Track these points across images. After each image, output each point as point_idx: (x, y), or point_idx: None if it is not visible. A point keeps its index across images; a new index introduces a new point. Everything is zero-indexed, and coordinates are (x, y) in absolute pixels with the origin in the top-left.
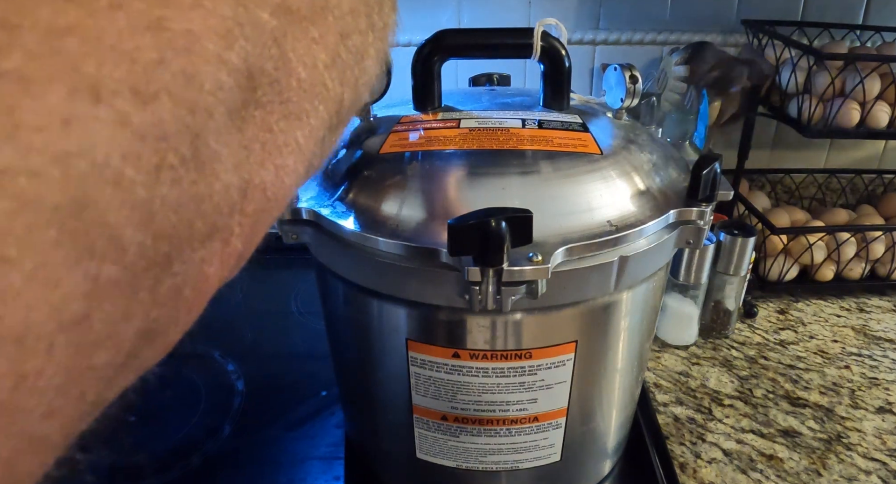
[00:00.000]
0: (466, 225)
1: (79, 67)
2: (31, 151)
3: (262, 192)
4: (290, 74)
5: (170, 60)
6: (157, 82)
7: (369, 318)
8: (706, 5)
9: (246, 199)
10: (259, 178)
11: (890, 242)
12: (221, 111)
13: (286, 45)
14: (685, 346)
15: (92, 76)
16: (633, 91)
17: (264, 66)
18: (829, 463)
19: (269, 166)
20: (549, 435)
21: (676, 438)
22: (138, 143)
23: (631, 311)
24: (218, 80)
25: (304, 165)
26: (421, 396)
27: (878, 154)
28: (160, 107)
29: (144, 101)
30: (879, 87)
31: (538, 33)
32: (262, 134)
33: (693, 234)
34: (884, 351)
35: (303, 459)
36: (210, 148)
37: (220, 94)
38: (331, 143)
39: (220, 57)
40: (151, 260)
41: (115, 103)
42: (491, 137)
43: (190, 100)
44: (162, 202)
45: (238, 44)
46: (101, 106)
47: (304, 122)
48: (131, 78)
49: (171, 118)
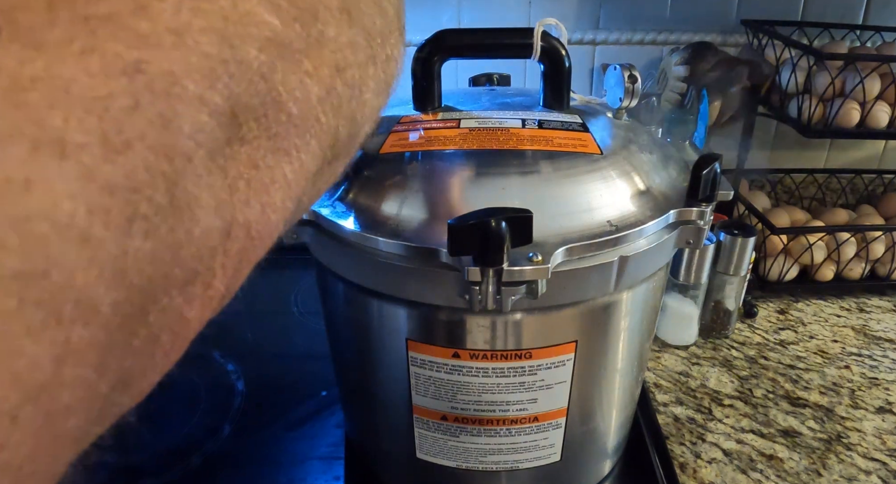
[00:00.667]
0: (466, 225)
1: (43, 121)
2: None
3: (247, 232)
4: (280, 109)
5: (146, 105)
6: (130, 130)
7: (369, 318)
8: (706, 5)
9: (229, 240)
10: (243, 216)
11: (890, 241)
12: (201, 154)
13: (275, 80)
14: (685, 346)
15: (57, 130)
16: (633, 91)
17: (250, 103)
18: (829, 463)
19: (255, 204)
20: (549, 435)
21: (676, 438)
22: (107, 198)
23: (631, 311)
24: (198, 123)
25: (293, 202)
26: (421, 396)
27: (878, 154)
28: (133, 156)
29: (116, 151)
30: (879, 87)
31: (538, 33)
32: (248, 171)
33: (693, 234)
34: (884, 351)
35: (303, 459)
36: (188, 193)
37: (200, 137)
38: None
39: (201, 98)
40: (126, 315)
41: (82, 158)
42: (491, 137)
43: (167, 145)
44: (135, 256)
45: (221, 82)
46: (66, 162)
47: (294, 157)
48: (101, 128)
49: (145, 167)
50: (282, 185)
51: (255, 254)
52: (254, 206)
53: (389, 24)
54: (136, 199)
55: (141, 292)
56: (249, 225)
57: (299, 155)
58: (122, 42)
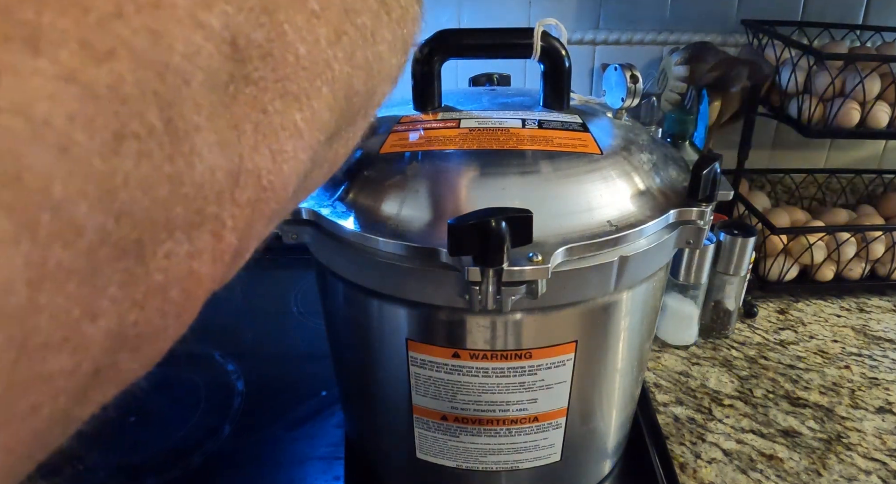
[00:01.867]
0: (466, 225)
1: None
2: None
3: (257, 180)
4: (287, 49)
5: (130, 14)
6: (114, 37)
7: (369, 318)
8: (706, 5)
9: (238, 187)
10: (252, 162)
11: (890, 242)
12: (200, 80)
13: (279, 15)
14: (685, 346)
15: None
16: (633, 91)
17: (252, 36)
18: (829, 463)
19: (264, 150)
20: (549, 435)
21: (676, 438)
22: (90, 105)
23: (631, 311)
24: (193, 43)
25: (307, 153)
26: (421, 396)
27: (878, 154)
28: (118, 65)
29: (97, 57)
30: (879, 87)
31: (538, 33)
32: (255, 114)
33: (693, 234)
34: (884, 351)
35: (303, 459)
36: (187, 121)
37: (198, 60)
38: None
39: (194, 17)
40: (118, 248)
41: (59, 56)
42: (491, 137)
43: (157, 61)
44: (125, 178)
45: (218, 6)
46: (41, 58)
47: (304, 103)
48: (80, 30)
49: (134, 79)
50: (292, 134)
51: (269, 207)
52: (263, 153)
53: None
54: (125, 113)
55: (136, 224)
56: (259, 173)
57: (310, 102)
58: None
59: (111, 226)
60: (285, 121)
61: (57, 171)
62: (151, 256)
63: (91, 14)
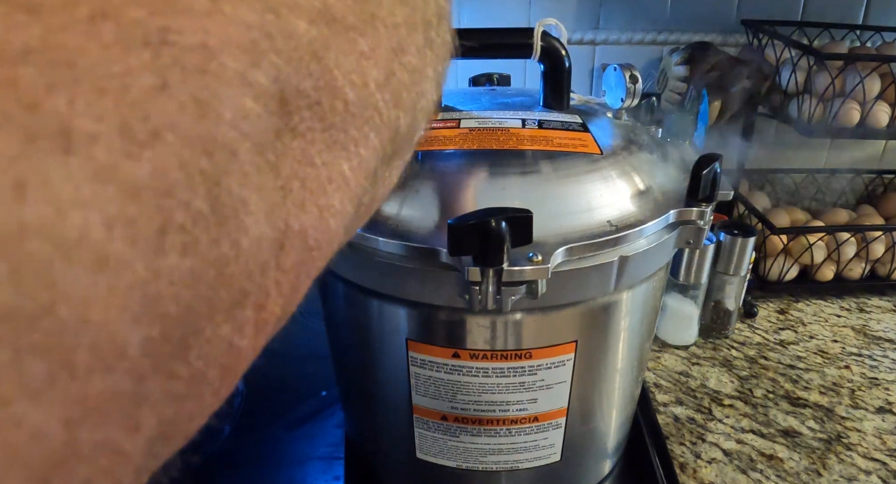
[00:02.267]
0: (466, 225)
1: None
2: None
3: (303, 241)
4: (335, 95)
5: (176, 85)
6: (158, 117)
7: (369, 318)
8: (706, 5)
9: (283, 252)
10: (299, 223)
11: (890, 241)
12: (247, 148)
13: (329, 60)
14: (685, 346)
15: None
16: (633, 91)
17: (301, 86)
18: (829, 463)
19: (311, 208)
20: (549, 435)
21: (676, 438)
22: (130, 205)
23: (631, 311)
24: (241, 108)
25: (353, 204)
26: (421, 396)
27: (878, 154)
28: (162, 150)
29: (139, 144)
30: (879, 87)
31: (538, 33)
32: (302, 169)
33: (693, 234)
34: (884, 351)
35: (303, 459)
36: (234, 196)
37: (245, 126)
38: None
39: (243, 77)
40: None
41: (95, 152)
42: (491, 137)
43: (204, 136)
44: (170, 278)
45: (267, 60)
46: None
47: (352, 152)
48: (120, 114)
49: (179, 164)
50: (340, 185)
51: (315, 266)
52: (310, 211)
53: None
54: (169, 206)
55: (179, 323)
56: (306, 233)
57: (358, 150)
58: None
59: (156, 335)
60: (332, 172)
61: (95, 293)
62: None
63: (131, 92)
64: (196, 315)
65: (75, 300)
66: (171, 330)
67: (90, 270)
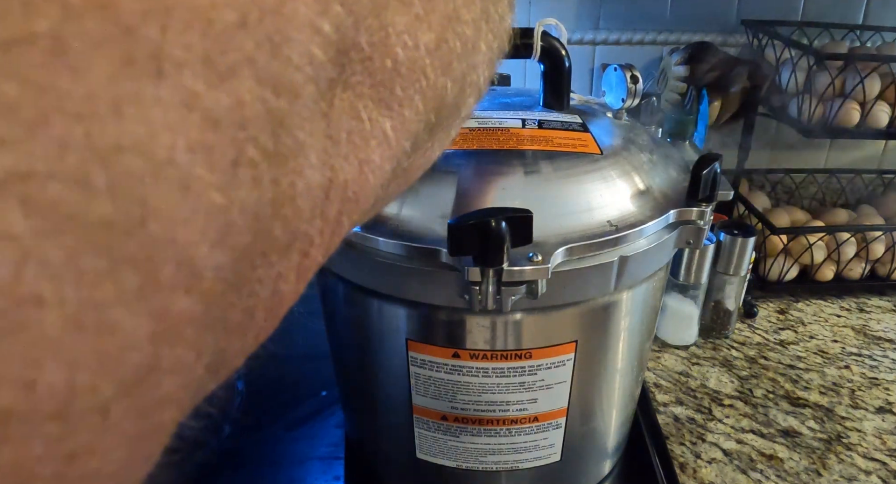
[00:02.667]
0: (466, 225)
1: (134, 30)
2: (66, 148)
3: (343, 193)
4: (386, 53)
5: (253, 24)
6: (236, 52)
7: (369, 318)
8: (706, 5)
9: (328, 201)
10: (342, 174)
11: (890, 241)
12: (309, 92)
13: (385, 17)
14: (685, 346)
15: (152, 42)
16: (634, 91)
17: (357, 40)
18: (829, 463)
19: (353, 161)
20: (549, 435)
21: (676, 438)
22: (210, 133)
23: (631, 311)
24: (308, 53)
25: (391, 163)
26: (421, 396)
27: (878, 154)
28: (239, 84)
29: (220, 76)
30: (879, 87)
31: (538, 33)
32: (349, 121)
33: (693, 234)
34: (884, 351)
35: (303, 459)
36: (294, 138)
37: (310, 71)
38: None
39: (312, 24)
40: (227, 283)
41: (183, 79)
42: (491, 137)
43: (275, 76)
44: (240, 209)
45: (333, 8)
46: (164, 83)
47: (395, 111)
48: (204, 45)
49: (252, 99)
50: (381, 142)
51: (351, 220)
52: (352, 163)
53: None
54: (242, 138)
55: (242, 257)
56: (347, 185)
57: (402, 110)
58: None
59: (225, 263)
60: (375, 129)
61: (179, 213)
62: (245, 284)
63: (215, 26)
64: (253, 252)
65: (164, 218)
66: (235, 261)
67: (176, 191)
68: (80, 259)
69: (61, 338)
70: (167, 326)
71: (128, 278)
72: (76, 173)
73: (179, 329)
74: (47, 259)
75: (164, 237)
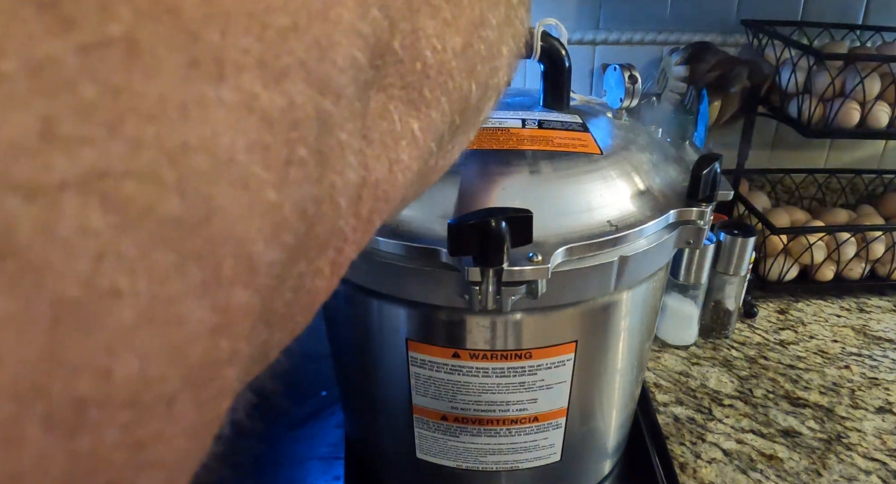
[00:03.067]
0: (466, 225)
1: (199, 34)
2: (140, 148)
3: (374, 192)
4: (416, 56)
5: (303, 28)
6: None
7: (369, 318)
8: (706, 5)
9: (360, 200)
10: (374, 174)
11: (890, 241)
12: (349, 94)
13: (417, 22)
14: (685, 346)
15: (214, 45)
16: (633, 91)
17: (392, 43)
18: (829, 463)
19: (384, 160)
20: (549, 435)
21: (676, 438)
22: (266, 133)
23: (631, 311)
24: (350, 56)
25: (419, 163)
26: (421, 396)
27: (878, 154)
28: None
29: (274, 78)
30: (879, 87)
31: (538, 33)
32: (380, 122)
33: (693, 234)
34: (884, 351)
35: (303, 459)
36: (336, 138)
37: (351, 73)
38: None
39: (354, 27)
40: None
41: (241, 82)
42: (491, 137)
43: (322, 78)
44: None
45: (371, 13)
46: (224, 85)
47: (423, 113)
48: (259, 48)
49: (303, 101)
50: (410, 142)
51: (380, 219)
52: (383, 163)
53: None
54: (293, 139)
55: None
56: (378, 184)
57: (429, 111)
58: None
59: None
60: (405, 129)
61: (239, 210)
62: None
63: (269, 30)
64: (298, 248)
65: (226, 215)
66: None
67: (237, 189)
68: (152, 254)
69: (135, 329)
70: (227, 319)
71: (194, 273)
72: (149, 171)
73: (238, 322)
74: (123, 253)
75: (226, 233)
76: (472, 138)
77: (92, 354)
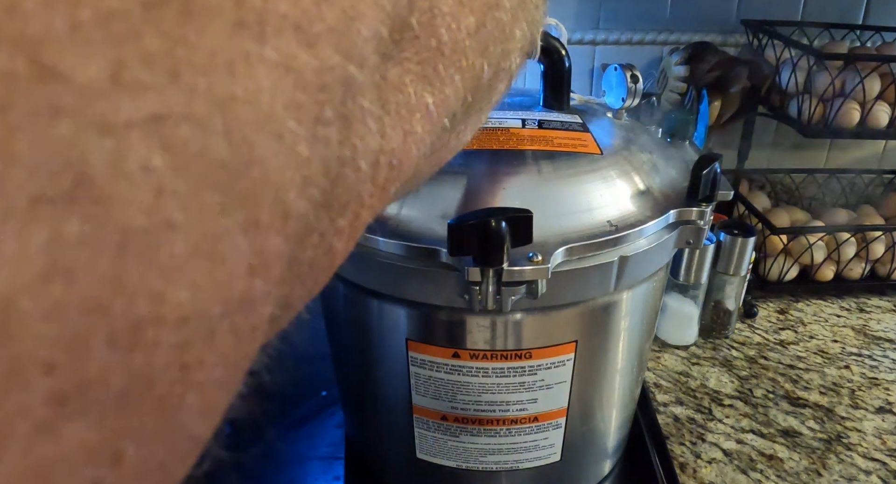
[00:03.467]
0: (466, 225)
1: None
2: (194, 95)
3: (389, 161)
4: (432, 33)
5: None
6: (321, 22)
7: (369, 318)
8: (706, 5)
9: (378, 167)
10: (389, 143)
11: (890, 241)
12: (371, 63)
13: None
14: (685, 346)
15: (257, 9)
16: (634, 91)
17: (409, 20)
18: (829, 463)
19: (399, 131)
20: (549, 435)
21: (676, 438)
22: (300, 93)
23: (631, 311)
24: (373, 27)
25: (432, 137)
26: (421, 396)
27: (878, 154)
28: (321, 51)
29: (308, 42)
30: (879, 87)
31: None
32: (397, 94)
33: (693, 234)
34: (884, 351)
35: (303, 459)
36: (358, 104)
37: (374, 44)
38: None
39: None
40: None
41: (280, 43)
42: (491, 137)
43: (348, 46)
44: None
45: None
46: (265, 46)
47: (437, 88)
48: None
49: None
50: (423, 116)
51: (395, 187)
52: (398, 133)
53: None
54: (322, 100)
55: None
56: (392, 153)
57: (443, 87)
58: None
59: (304, 211)
60: (419, 103)
61: (276, 160)
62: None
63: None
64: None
65: (265, 163)
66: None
67: (275, 140)
68: (202, 193)
69: (185, 260)
70: (263, 261)
71: (236, 214)
72: (201, 118)
73: (271, 266)
74: (178, 191)
75: (265, 180)
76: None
77: (149, 280)
